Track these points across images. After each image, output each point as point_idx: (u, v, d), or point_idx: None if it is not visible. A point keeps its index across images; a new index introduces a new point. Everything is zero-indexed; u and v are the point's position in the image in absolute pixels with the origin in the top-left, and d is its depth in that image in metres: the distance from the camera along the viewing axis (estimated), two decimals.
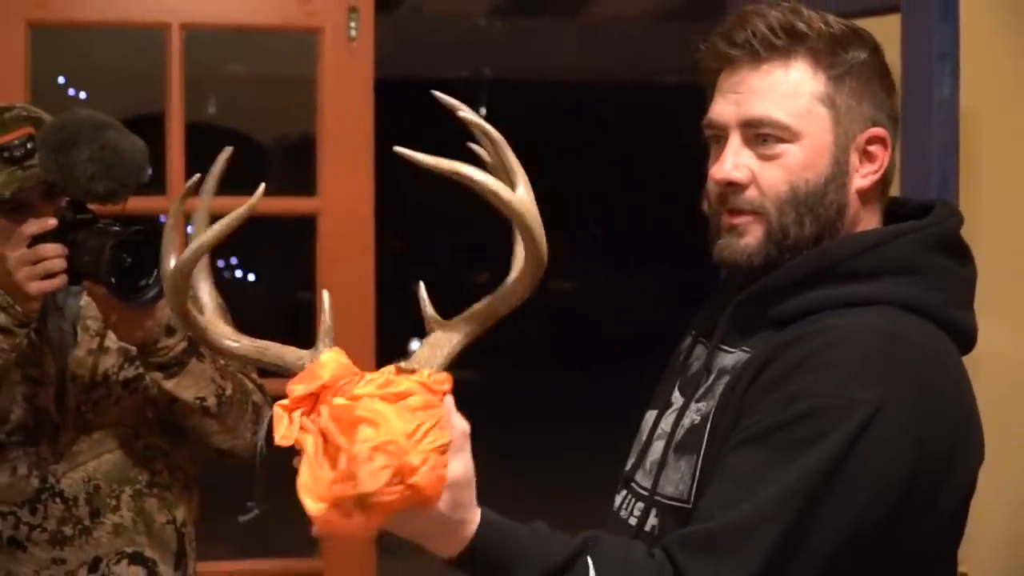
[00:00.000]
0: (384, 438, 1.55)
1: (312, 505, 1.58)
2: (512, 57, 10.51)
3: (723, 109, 1.92)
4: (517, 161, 1.65)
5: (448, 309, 1.77)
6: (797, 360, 1.78)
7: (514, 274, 1.69)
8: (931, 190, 2.95)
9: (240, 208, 1.69)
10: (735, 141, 1.90)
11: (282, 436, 1.62)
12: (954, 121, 3.04)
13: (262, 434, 2.73)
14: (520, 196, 1.63)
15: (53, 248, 2.56)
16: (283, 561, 4.20)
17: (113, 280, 2.50)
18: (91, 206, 2.65)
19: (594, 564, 1.69)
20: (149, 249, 2.50)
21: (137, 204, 2.89)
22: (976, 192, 3.18)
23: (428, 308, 1.71)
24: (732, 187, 1.90)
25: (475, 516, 1.65)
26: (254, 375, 2.88)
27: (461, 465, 1.60)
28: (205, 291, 1.86)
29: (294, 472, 1.61)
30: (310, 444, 1.60)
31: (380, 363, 1.72)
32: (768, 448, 1.73)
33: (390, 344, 3.56)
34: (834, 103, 1.88)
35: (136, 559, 2.81)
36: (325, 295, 1.80)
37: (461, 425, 1.61)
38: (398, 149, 1.62)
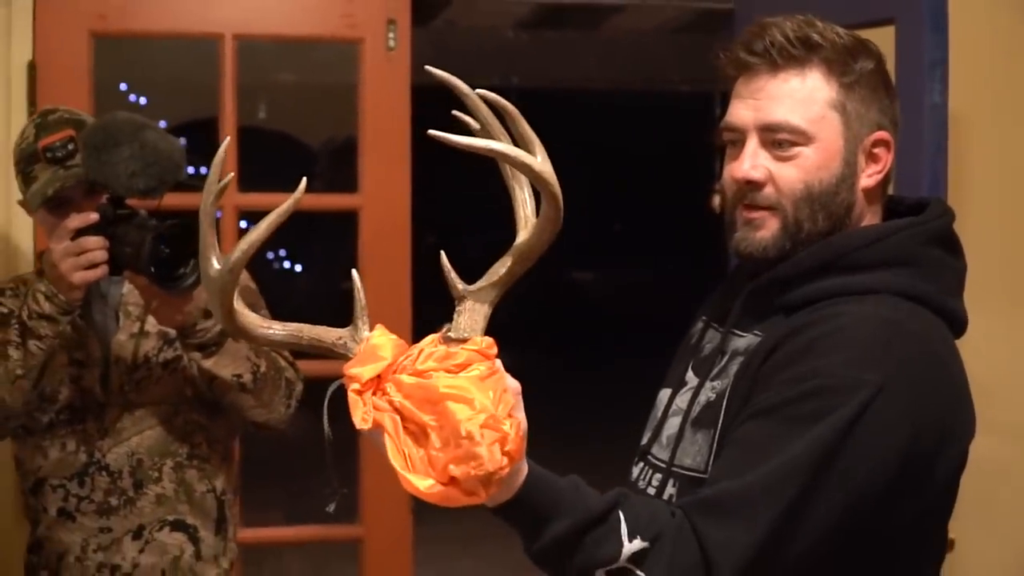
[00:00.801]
0: (485, 413, 1.55)
1: (421, 483, 1.57)
2: (537, 66, 10.50)
3: (742, 113, 1.93)
4: (531, 131, 1.63)
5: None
6: (806, 343, 1.80)
7: (528, 234, 1.68)
8: (922, 189, 2.94)
9: (283, 205, 1.68)
10: (753, 143, 1.91)
11: (361, 419, 1.62)
12: (944, 125, 3.04)
13: (326, 421, 2.73)
14: (542, 163, 1.62)
15: (95, 240, 2.58)
16: (326, 527, 4.20)
17: (153, 269, 2.53)
18: (129, 202, 2.67)
19: (624, 518, 1.70)
20: (186, 240, 2.53)
21: (191, 200, 2.89)
22: (964, 191, 3.17)
23: (453, 276, 1.68)
24: (750, 185, 1.92)
25: (523, 468, 1.66)
26: (286, 353, 2.88)
27: (520, 421, 1.61)
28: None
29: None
30: (389, 423, 1.60)
31: (416, 338, 1.71)
32: (777, 422, 1.75)
33: (426, 331, 3.55)
34: (845, 109, 1.89)
35: (178, 526, 2.85)
36: (355, 274, 1.78)
37: (514, 384, 1.62)
38: (432, 132, 1.60)
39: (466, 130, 1.73)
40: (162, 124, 12.92)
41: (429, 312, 4.50)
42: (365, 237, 3.78)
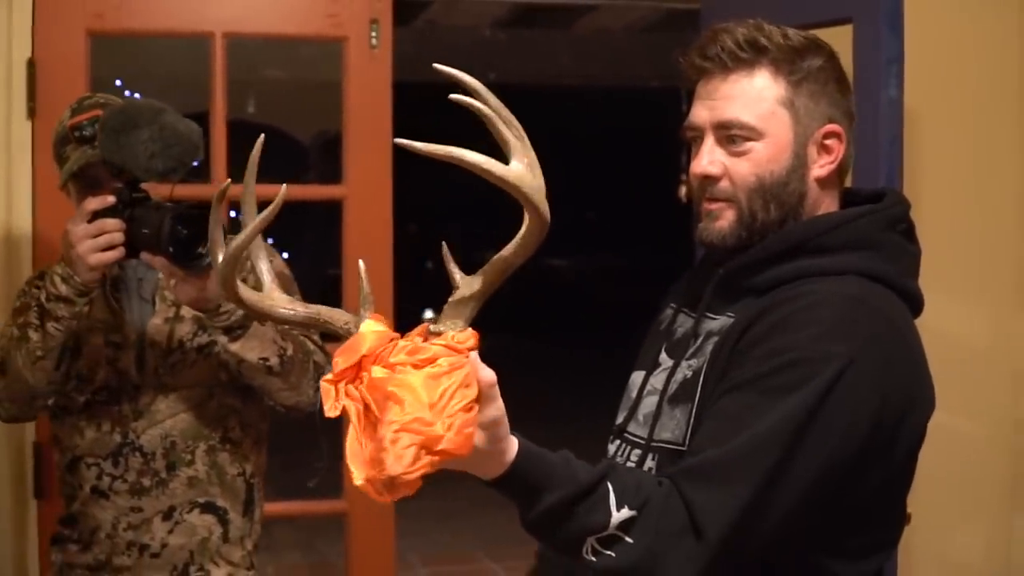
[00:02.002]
0: (409, 416, 1.54)
1: (356, 474, 1.59)
2: (513, 64, 10.49)
3: (699, 114, 1.98)
4: (510, 132, 1.62)
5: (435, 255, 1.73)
6: (778, 320, 1.84)
7: (520, 233, 1.66)
8: (879, 180, 2.95)
9: (276, 201, 1.71)
10: (710, 141, 1.97)
11: (330, 407, 1.63)
12: (899, 119, 3.05)
13: (318, 402, 2.73)
14: (512, 168, 1.60)
15: (113, 223, 2.56)
16: (311, 502, 4.20)
17: (171, 249, 2.50)
18: (144, 186, 2.64)
19: (613, 488, 1.73)
20: (202, 221, 2.45)
21: (183, 191, 2.87)
22: (918, 182, 3.18)
23: (452, 265, 1.69)
24: (708, 180, 1.97)
25: (512, 446, 1.70)
26: (315, 336, 2.86)
27: (494, 410, 1.64)
28: (263, 267, 1.83)
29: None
30: (353, 413, 1.61)
31: (398, 324, 1.71)
32: (755, 394, 1.79)
33: (407, 314, 3.56)
34: (793, 105, 1.93)
35: (208, 508, 2.81)
36: (361, 264, 1.77)
37: (488, 376, 1.62)
38: (399, 141, 1.60)
39: (440, 132, 1.70)
40: None
41: (409, 299, 4.50)
42: (349, 226, 3.79)
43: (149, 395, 2.78)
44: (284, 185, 1.77)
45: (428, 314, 1.78)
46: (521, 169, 1.61)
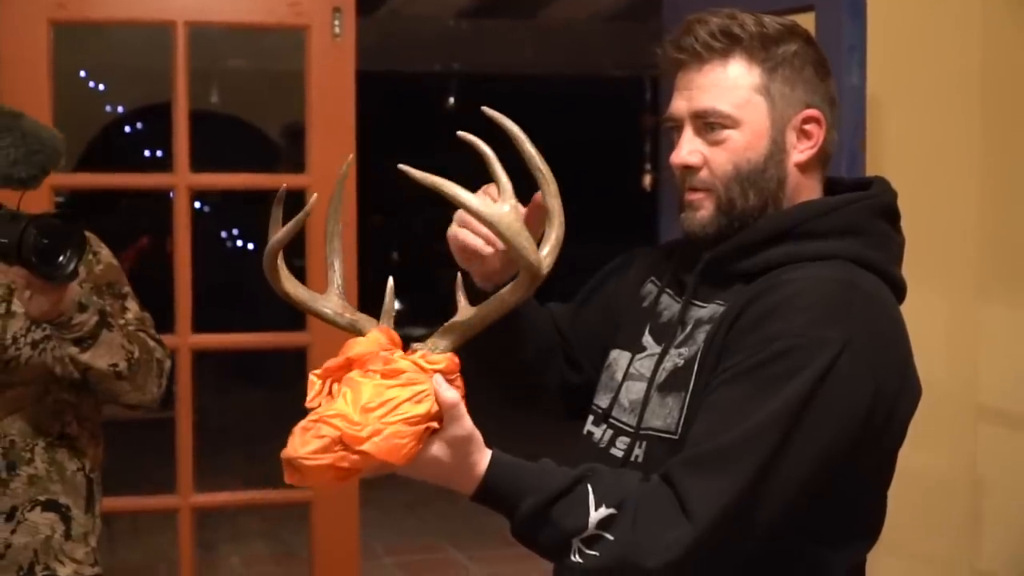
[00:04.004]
0: (333, 411, 1.63)
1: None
2: (478, 53, 10.48)
3: (677, 104, 1.98)
4: (503, 175, 1.71)
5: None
6: (770, 307, 1.83)
7: (511, 285, 1.74)
8: (841, 167, 2.95)
9: (307, 207, 1.78)
10: (688, 131, 1.96)
11: (311, 398, 1.70)
12: (862, 106, 3.06)
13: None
14: (498, 210, 1.69)
15: None
16: (277, 491, 4.19)
17: (34, 259, 2.38)
18: None
19: (592, 489, 1.75)
20: (64, 230, 2.42)
21: (149, 180, 2.86)
22: (880, 168, 3.18)
23: (460, 293, 1.78)
24: (688, 170, 1.96)
25: (482, 460, 1.75)
26: (152, 331, 2.80)
27: (458, 429, 1.71)
28: (337, 269, 1.87)
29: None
30: (322, 407, 1.67)
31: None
32: (751, 383, 1.79)
33: (372, 305, 3.55)
34: (769, 91, 1.93)
35: (49, 506, 2.70)
36: (390, 281, 1.82)
37: (449, 397, 1.68)
38: (402, 167, 1.68)
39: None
40: (120, 109, 12.79)
41: (373, 289, 4.52)
42: (313, 215, 3.76)
43: None
44: (315, 195, 1.82)
45: (391, 284, 1.84)
46: (506, 210, 1.69)
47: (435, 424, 1.69)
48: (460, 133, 1.71)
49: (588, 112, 15.30)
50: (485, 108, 1.74)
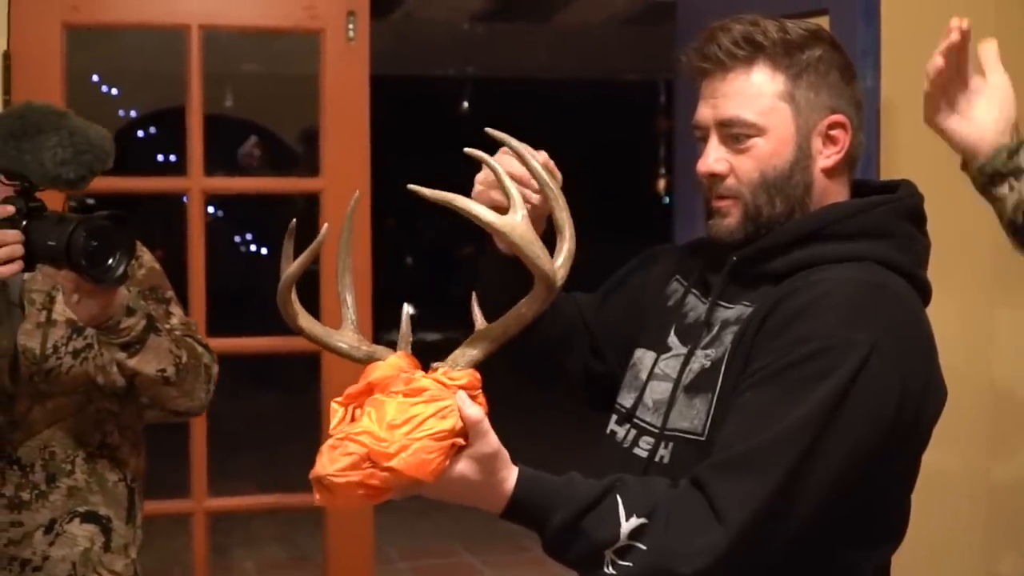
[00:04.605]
0: (360, 428, 1.64)
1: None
2: (492, 57, 10.49)
3: (703, 113, 1.99)
4: (513, 186, 1.72)
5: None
6: (798, 308, 1.84)
7: (527, 298, 1.75)
8: (855, 171, 2.95)
9: (315, 242, 1.79)
10: (714, 139, 1.97)
11: (333, 427, 1.70)
12: (875, 110, 3.06)
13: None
14: (511, 220, 1.70)
15: (12, 234, 2.40)
16: (291, 496, 4.19)
17: (83, 262, 2.35)
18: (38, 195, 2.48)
19: (622, 499, 1.75)
20: (113, 231, 2.39)
21: (162, 184, 2.86)
22: (894, 172, 3.18)
23: (477, 310, 1.78)
24: (714, 178, 1.97)
25: (510, 476, 1.76)
26: (199, 336, 2.77)
27: (484, 446, 1.71)
28: (350, 304, 1.87)
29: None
30: (348, 425, 1.69)
31: (375, 324, 1.75)
32: (780, 386, 1.79)
33: (385, 307, 3.56)
34: (793, 98, 1.94)
35: (88, 518, 2.67)
36: (406, 309, 1.84)
37: (473, 414, 1.69)
38: (412, 187, 1.72)
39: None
40: (133, 114, 12.80)
41: (387, 291, 4.51)
42: (327, 219, 3.77)
43: (24, 404, 2.61)
44: (326, 225, 1.81)
45: (408, 310, 1.84)
46: (516, 219, 1.70)
47: (461, 440, 1.69)
48: (468, 150, 1.73)
49: (602, 115, 15.29)
50: (489, 130, 1.76)
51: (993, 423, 3.66)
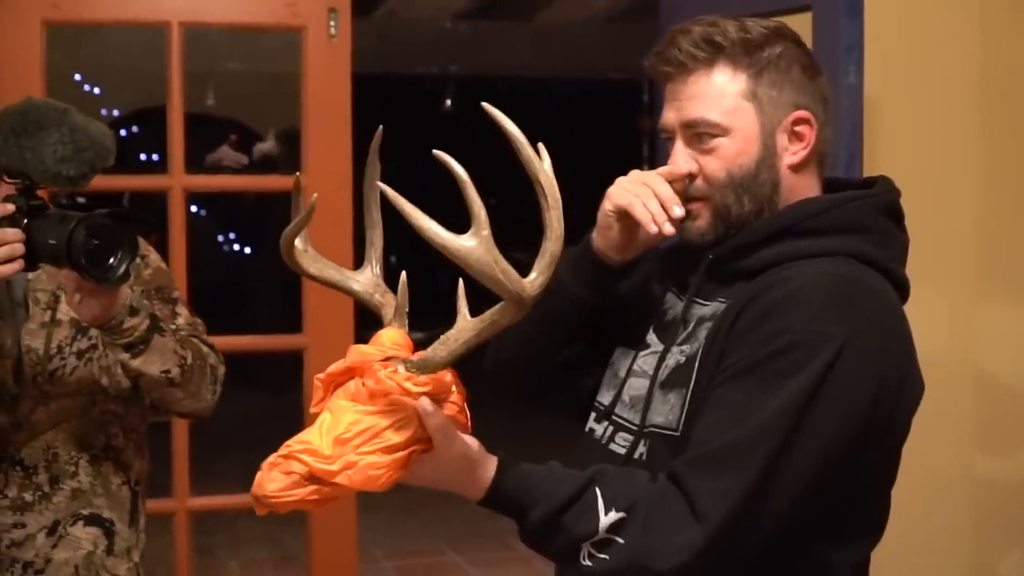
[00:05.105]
0: (302, 446, 1.63)
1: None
2: (475, 56, 10.49)
3: (668, 116, 2.00)
4: (478, 203, 1.64)
5: (419, 276, 1.76)
6: (772, 303, 1.84)
7: (501, 307, 1.70)
8: (838, 168, 2.95)
9: (311, 203, 1.79)
10: (680, 142, 1.98)
11: (315, 404, 1.71)
12: (859, 106, 3.06)
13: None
14: (467, 244, 1.64)
15: (13, 233, 2.36)
16: None
17: (84, 261, 2.31)
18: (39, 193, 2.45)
19: (601, 492, 1.76)
20: (115, 230, 2.35)
21: (144, 182, 2.84)
22: (877, 168, 3.17)
23: (463, 303, 1.72)
24: (683, 180, 1.97)
25: (489, 469, 1.77)
26: (205, 337, 2.74)
27: (448, 451, 1.71)
28: (377, 245, 1.89)
29: None
30: (293, 438, 1.67)
31: (358, 318, 1.75)
32: (755, 380, 1.79)
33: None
34: (756, 96, 1.94)
35: (92, 520, 2.65)
36: (403, 276, 1.80)
37: (435, 423, 1.68)
38: (381, 185, 1.77)
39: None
40: (116, 113, 12.78)
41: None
42: (317, 223, 3.75)
43: (28, 405, 2.58)
44: (315, 195, 1.81)
45: (404, 278, 1.82)
46: (472, 245, 1.64)
47: (421, 447, 1.69)
48: (436, 152, 1.67)
49: (585, 114, 15.29)
50: (485, 104, 1.71)
51: (978, 418, 3.66)
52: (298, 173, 1.83)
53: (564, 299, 2.06)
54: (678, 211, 1.94)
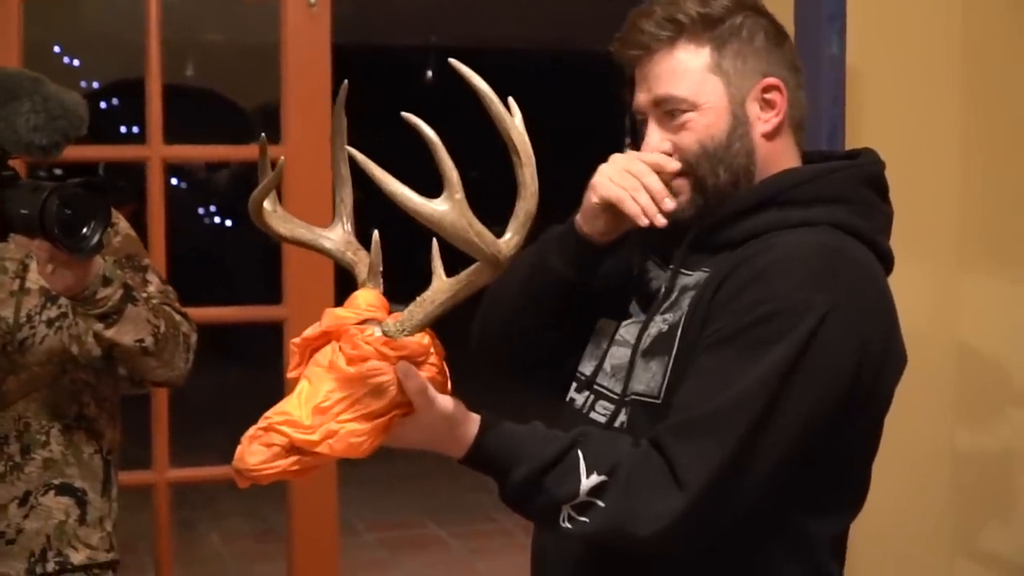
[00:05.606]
0: (282, 417, 1.62)
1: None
2: (457, 26, 10.47)
3: (639, 97, 2.01)
4: (450, 165, 1.64)
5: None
6: (755, 272, 1.84)
7: (476, 267, 1.69)
8: (821, 140, 2.96)
9: (278, 165, 1.76)
10: (652, 122, 1.99)
11: (291, 368, 1.71)
12: (841, 77, 3.06)
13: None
14: (439, 208, 1.63)
15: None
16: None
17: (57, 231, 2.28)
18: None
19: (583, 455, 1.77)
20: (88, 200, 2.33)
21: (122, 152, 2.82)
22: (860, 139, 3.18)
23: (438, 262, 1.71)
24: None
25: (471, 428, 1.77)
26: (177, 304, 2.73)
27: (428, 414, 1.70)
28: (347, 201, 1.88)
29: None
30: (272, 408, 1.67)
31: (338, 289, 1.74)
32: (737, 348, 1.80)
33: (350, 282, 3.54)
34: (721, 68, 1.96)
35: (64, 490, 2.64)
36: (375, 235, 1.79)
37: (415, 385, 1.67)
38: (350, 149, 1.76)
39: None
40: (95, 85, 12.74)
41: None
42: (288, 187, 3.74)
43: None
44: (282, 158, 1.80)
45: (376, 236, 1.81)
46: (445, 209, 1.64)
47: (401, 411, 1.68)
48: (404, 115, 1.66)
49: (567, 86, 15.26)
50: (453, 61, 1.70)
51: (958, 391, 3.67)
52: (263, 136, 1.81)
53: (550, 278, 2.07)
54: (669, 203, 1.95)
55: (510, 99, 1.71)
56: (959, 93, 3.59)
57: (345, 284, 1.84)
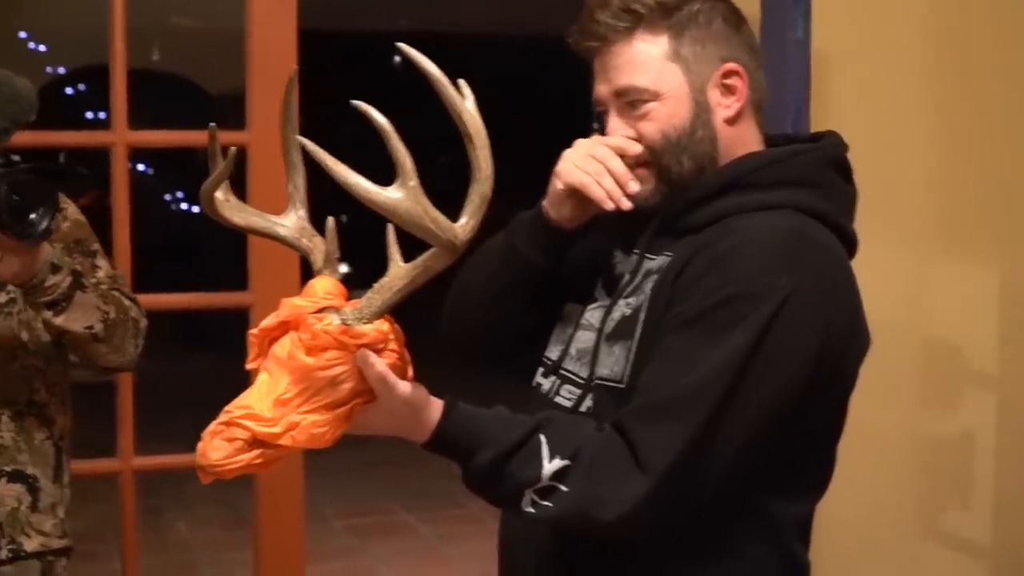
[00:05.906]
0: (244, 411, 1.62)
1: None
2: (424, 11, 10.44)
3: (599, 89, 2.01)
4: (403, 152, 1.63)
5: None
6: (718, 255, 1.85)
7: (433, 252, 1.69)
8: (786, 123, 2.96)
9: (230, 155, 1.76)
10: (614, 112, 2.00)
11: (250, 360, 1.70)
12: (807, 60, 3.06)
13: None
14: (393, 197, 1.63)
15: None
16: None
17: (4, 217, 2.27)
18: None
19: (546, 439, 1.77)
20: (37, 186, 2.31)
21: (86, 138, 2.80)
22: (826, 123, 3.16)
23: (394, 248, 1.70)
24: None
25: (433, 413, 1.77)
26: (126, 289, 2.73)
27: (390, 400, 1.70)
28: (300, 187, 1.88)
29: None
30: (233, 402, 1.66)
31: (303, 275, 1.73)
32: (700, 331, 1.80)
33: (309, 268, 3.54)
34: (680, 55, 1.96)
35: (15, 477, 2.63)
36: (330, 221, 1.79)
37: (376, 372, 1.67)
38: (301, 140, 1.76)
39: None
40: (61, 70, 12.67)
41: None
42: (253, 173, 3.73)
43: None
44: (232, 149, 1.77)
45: (331, 223, 1.81)
46: (399, 196, 1.63)
47: (362, 400, 1.68)
48: (355, 102, 1.67)
49: (536, 71, 15.26)
50: (401, 44, 1.71)
51: (925, 376, 3.69)
52: (213, 124, 1.79)
53: (518, 265, 2.07)
54: (633, 186, 1.95)
55: (461, 81, 1.70)
56: (925, 77, 3.60)
57: (311, 270, 1.83)
